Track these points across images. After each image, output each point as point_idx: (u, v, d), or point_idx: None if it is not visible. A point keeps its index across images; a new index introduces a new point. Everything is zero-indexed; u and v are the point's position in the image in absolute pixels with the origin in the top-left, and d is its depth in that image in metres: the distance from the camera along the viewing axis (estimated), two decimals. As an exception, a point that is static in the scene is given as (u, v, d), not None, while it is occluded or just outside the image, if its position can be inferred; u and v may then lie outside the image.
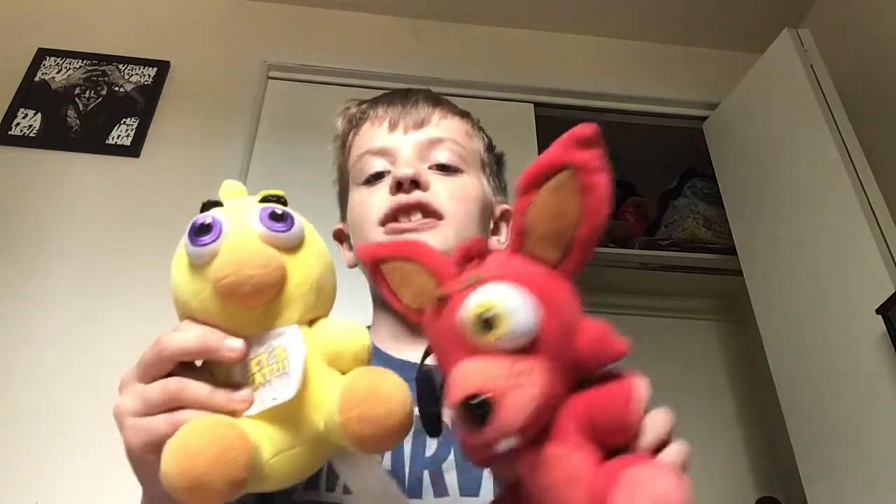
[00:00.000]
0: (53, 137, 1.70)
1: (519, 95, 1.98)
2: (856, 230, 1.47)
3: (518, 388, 0.33)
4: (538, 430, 0.35)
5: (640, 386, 0.37)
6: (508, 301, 0.34)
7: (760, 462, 2.09)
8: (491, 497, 0.52)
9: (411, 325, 0.67)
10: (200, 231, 0.40)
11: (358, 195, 0.72)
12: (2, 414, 1.36)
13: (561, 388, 0.36)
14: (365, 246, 0.47)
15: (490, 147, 0.81)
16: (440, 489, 0.55)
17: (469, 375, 0.33)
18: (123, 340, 1.47)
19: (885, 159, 1.63)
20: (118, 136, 1.72)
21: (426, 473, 0.56)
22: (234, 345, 0.40)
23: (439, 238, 0.65)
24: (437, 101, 0.77)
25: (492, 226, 0.76)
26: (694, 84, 2.09)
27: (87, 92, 1.79)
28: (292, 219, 0.43)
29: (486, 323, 0.34)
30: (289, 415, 0.39)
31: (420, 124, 0.73)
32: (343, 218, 0.78)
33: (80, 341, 1.45)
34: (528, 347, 0.34)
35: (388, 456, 0.56)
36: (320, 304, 0.44)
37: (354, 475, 0.44)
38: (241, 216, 0.42)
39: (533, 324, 0.34)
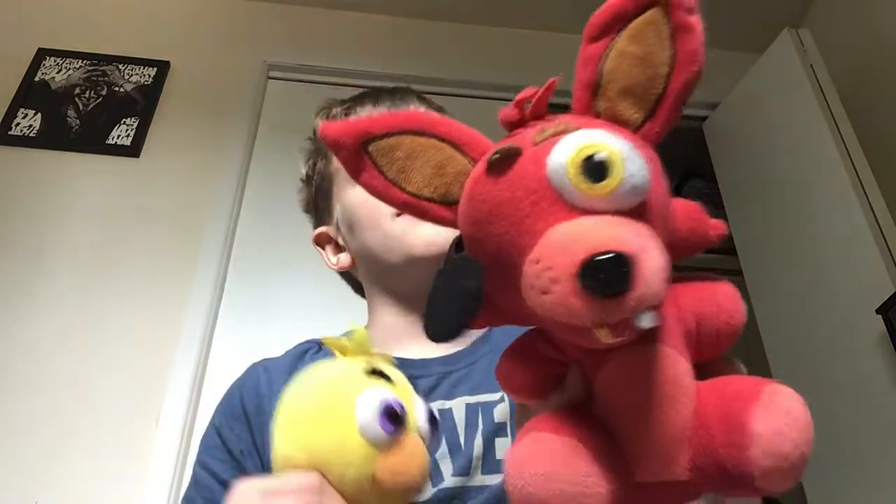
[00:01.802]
0: (53, 137, 1.70)
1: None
2: (856, 230, 1.47)
3: (651, 249, 0.25)
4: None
5: (734, 293, 0.31)
6: (619, 145, 0.27)
7: (760, 462, 2.09)
8: None
9: (410, 321, 0.67)
10: (393, 418, 0.39)
11: (358, 192, 0.71)
12: (2, 414, 1.36)
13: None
14: (346, 122, 0.33)
15: None
16: (437, 477, 0.55)
17: (589, 232, 0.25)
18: (123, 340, 1.47)
19: (885, 159, 1.63)
20: (118, 136, 1.72)
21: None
22: None
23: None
24: (421, 97, 0.77)
25: None
26: (694, 84, 2.09)
27: (87, 92, 1.79)
28: (438, 423, 0.44)
29: (597, 169, 0.26)
30: None
31: None
32: (321, 222, 0.76)
33: (80, 341, 1.45)
34: (640, 211, 0.27)
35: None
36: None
37: None
38: (412, 410, 0.42)
39: (648, 176, 0.27)
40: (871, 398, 1.38)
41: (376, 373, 0.42)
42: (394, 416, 0.39)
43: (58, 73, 1.81)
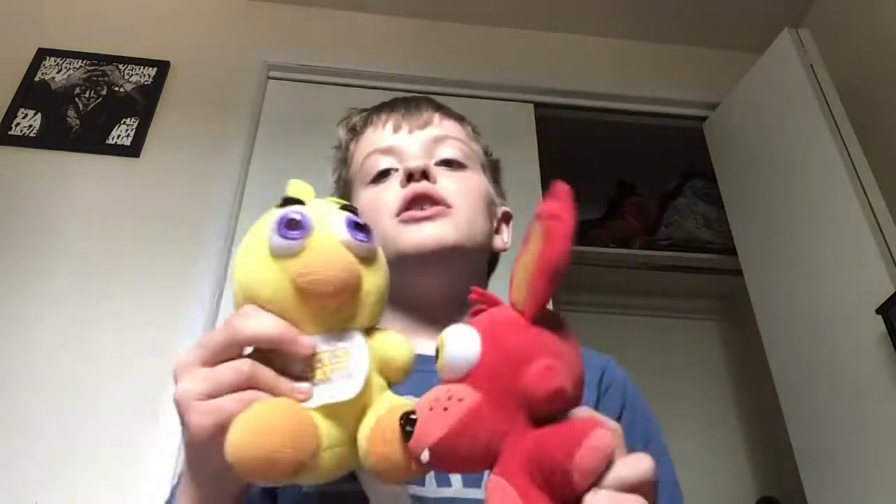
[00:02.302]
0: (53, 137, 1.70)
1: (519, 95, 1.98)
2: (856, 230, 1.47)
3: (443, 410, 0.37)
4: (484, 456, 0.37)
5: (600, 435, 0.35)
6: (448, 335, 0.39)
7: (760, 462, 2.09)
8: None
9: (422, 319, 0.69)
10: (289, 225, 0.42)
11: (366, 194, 0.73)
12: (2, 414, 1.36)
13: (501, 419, 0.37)
14: None
15: (488, 151, 0.82)
16: (443, 480, 0.55)
17: (419, 400, 0.39)
18: (123, 340, 1.47)
19: (885, 159, 1.63)
20: (118, 136, 1.72)
21: None
22: (308, 341, 0.41)
23: (452, 226, 0.67)
24: (438, 105, 0.79)
25: (494, 225, 0.77)
26: (694, 84, 2.09)
27: (87, 92, 1.79)
28: (371, 231, 0.45)
29: (437, 353, 0.40)
30: (341, 414, 0.41)
31: (423, 125, 0.75)
32: None
33: (80, 341, 1.45)
34: (468, 376, 0.38)
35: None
36: (379, 314, 0.47)
37: (369, 483, 0.47)
38: (325, 219, 0.44)
39: (466, 355, 0.38)
40: (871, 398, 1.38)
41: (290, 201, 0.45)
42: (292, 223, 0.41)
43: (58, 73, 1.81)
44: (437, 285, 0.68)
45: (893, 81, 1.77)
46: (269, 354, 0.43)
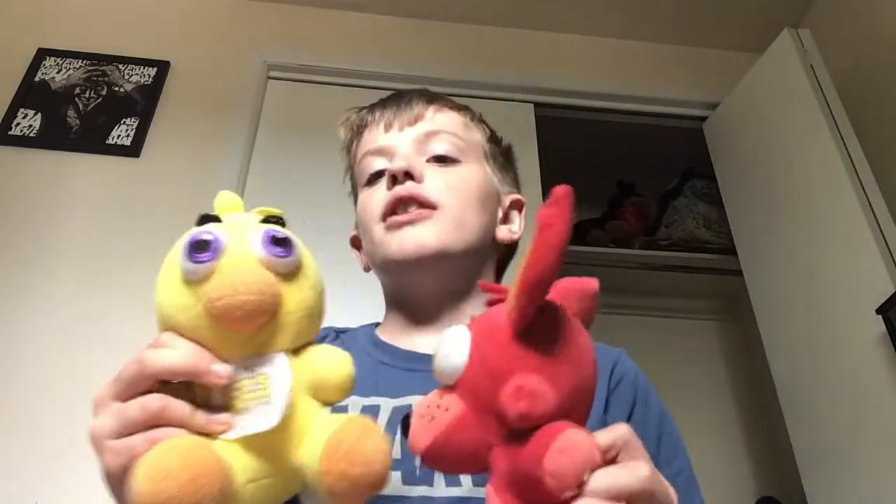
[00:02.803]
0: (53, 137, 1.70)
1: (519, 95, 1.98)
2: (856, 230, 1.47)
3: (433, 416, 0.38)
4: (474, 461, 0.38)
5: (569, 437, 0.34)
6: (441, 341, 0.39)
7: (760, 462, 2.09)
8: None
9: (421, 318, 0.69)
10: (198, 247, 0.39)
11: (362, 196, 0.74)
12: (2, 414, 1.36)
13: (484, 432, 0.37)
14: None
15: (494, 139, 0.81)
16: (452, 480, 0.55)
17: (418, 403, 0.40)
18: (123, 340, 1.47)
19: (885, 159, 1.63)
20: (118, 136, 1.72)
21: None
22: (223, 371, 0.39)
23: (435, 229, 0.66)
24: (433, 98, 0.77)
25: (501, 215, 0.76)
26: (694, 84, 2.09)
27: (87, 92, 1.79)
28: (292, 244, 0.42)
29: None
30: (265, 444, 0.39)
31: (414, 121, 0.74)
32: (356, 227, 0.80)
33: (80, 341, 1.45)
34: (457, 384, 0.38)
35: (397, 443, 0.55)
36: (310, 331, 0.44)
37: None
38: (241, 236, 0.41)
39: (453, 363, 0.38)
40: (871, 398, 1.38)
41: (206, 219, 0.43)
42: (200, 245, 0.39)
43: (58, 73, 1.81)
44: (429, 287, 0.69)
45: (893, 81, 1.77)
46: (191, 384, 0.40)
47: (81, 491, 1.31)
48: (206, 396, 0.40)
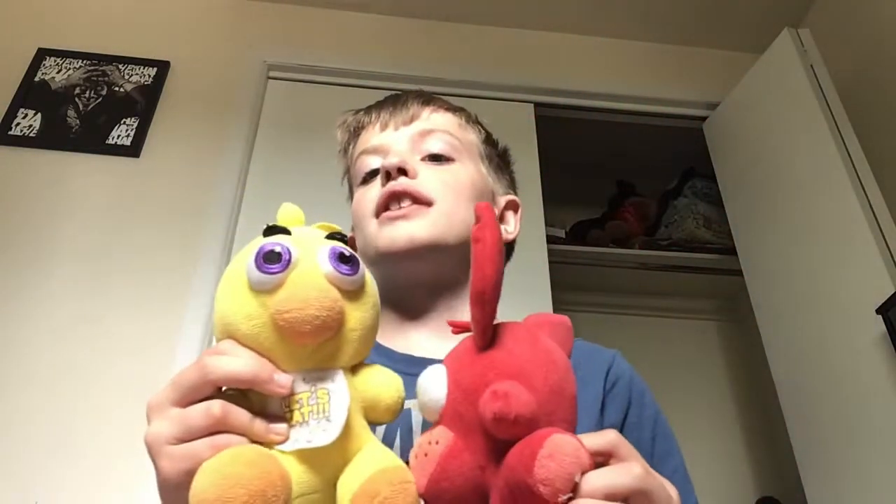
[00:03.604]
0: (53, 137, 1.70)
1: (519, 95, 1.98)
2: (856, 230, 1.47)
3: (426, 453, 0.39)
4: (473, 491, 0.38)
5: (556, 441, 0.35)
6: (420, 381, 0.41)
7: (760, 462, 2.09)
8: None
9: (411, 314, 0.69)
10: (269, 258, 0.39)
11: (357, 195, 0.74)
12: (1, 414, 1.36)
13: (475, 454, 0.37)
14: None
15: (490, 140, 0.81)
16: None
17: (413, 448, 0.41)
18: (123, 340, 1.47)
19: (885, 159, 1.63)
20: (118, 136, 1.72)
21: None
22: (285, 381, 0.39)
23: (427, 224, 0.66)
24: (428, 99, 0.78)
25: (497, 215, 0.76)
26: (694, 84, 2.09)
27: (87, 92, 1.79)
28: (358, 263, 0.43)
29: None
30: (318, 459, 0.39)
31: (410, 120, 0.75)
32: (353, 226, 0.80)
33: (80, 341, 1.45)
34: (443, 416, 0.39)
35: (398, 442, 0.55)
36: (365, 351, 0.44)
37: None
38: (310, 250, 0.41)
39: (434, 398, 0.40)
40: (870, 398, 1.38)
41: (275, 230, 0.42)
42: (271, 257, 0.39)
43: (58, 73, 1.81)
44: (417, 281, 0.69)
45: (893, 81, 1.77)
46: (247, 392, 0.41)
47: (81, 491, 1.31)
48: (262, 405, 0.40)
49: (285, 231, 0.43)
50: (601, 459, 0.37)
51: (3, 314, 1.47)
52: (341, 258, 0.41)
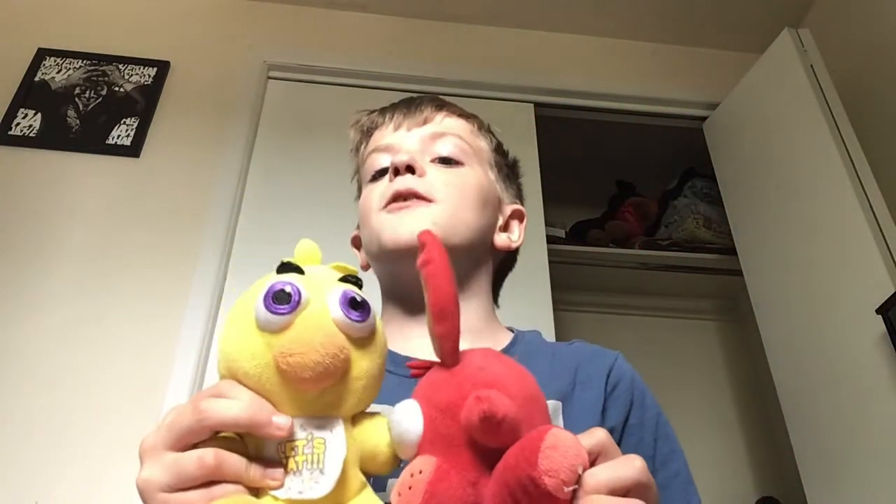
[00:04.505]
0: (53, 137, 1.70)
1: (519, 95, 1.98)
2: (856, 230, 1.47)
3: (410, 486, 0.37)
4: None
5: (555, 434, 0.35)
6: (391, 419, 0.41)
7: (760, 462, 2.09)
8: None
9: (414, 310, 0.69)
10: (278, 298, 0.39)
11: (365, 192, 0.75)
12: (1, 414, 1.36)
13: (464, 471, 0.37)
14: None
15: (500, 150, 0.82)
16: None
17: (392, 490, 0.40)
18: (123, 340, 1.47)
19: (885, 159, 1.63)
20: (118, 136, 1.72)
21: None
22: (283, 423, 0.39)
23: (429, 217, 0.66)
24: (443, 104, 0.79)
25: (501, 222, 0.77)
26: (694, 84, 2.09)
27: (87, 92, 1.79)
28: (369, 309, 0.42)
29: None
30: None
31: (423, 122, 0.75)
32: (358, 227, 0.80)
33: (80, 341, 1.45)
34: (421, 447, 0.39)
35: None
36: (369, 400, 0.43)
37: None
38: (321, 293, 0.40)
39: (410, 429, 0.39)
40: (871, 398, 1.38)
41: (288, 268, 0.42)
42: (281, 296, 0.39)
43: (58, 73, 1.81)
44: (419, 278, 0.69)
45: (893, 81, 1.77)
46: (245, 434, 0.40)
47: (81, 491, 1.31)
48: (257, 447, 0.40)
49: (298, 269, 0.42)
50: (591, 458, 0.37)
51: (3, 314, 1.47)
52: (352, 303, 0.40)
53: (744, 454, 2.11)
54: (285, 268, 0.42)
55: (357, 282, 0.43)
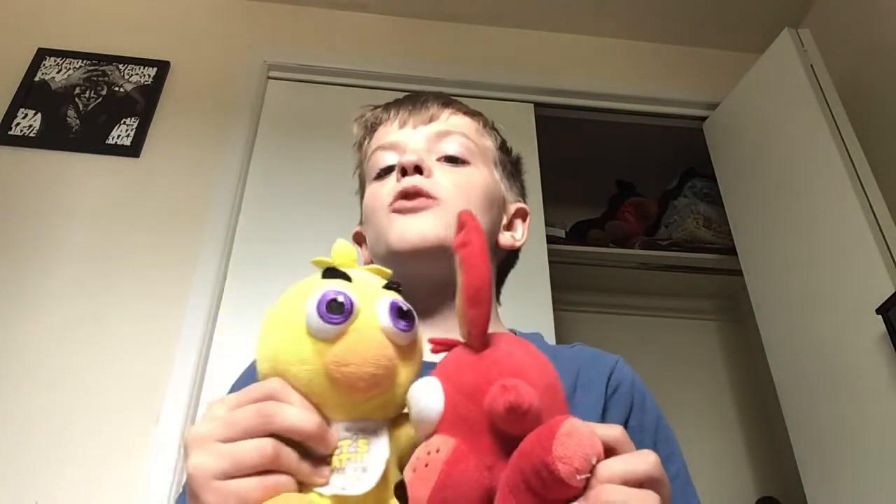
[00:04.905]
0: (53, 137, 1.70)
1: (519, 95, 1.98)
2: (856, 230, 1.47)
3: (426, 464, 0.37)
4: (481, 493, 0.37)
5: (571, 422, 0.36)
6: (412, 393, 0.41)
7: (760, 462, 2.09)
8: None
9: (419, 310, 0.69)
10: (332, 308, 0.40)
11: (370, 189, 0.74)
12: (1, 414, 1.36)
13: (481, 454, 0.37)
14: None
15: (504, 148, 0.82)
16: None
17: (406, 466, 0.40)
18: (123, 340, 1.47)
19: (885, 159, 1.63)
20: (118, 136, 1.72)
21: None
22: (333, 441, 0.40)
23: (436, 220, 0.66)
24: (448, 101, 0.79)
25: (505, 221, 0.77)
26: (694, 84, 2.09)
27: (87, 92, 1.79)
28: (414, 318, 0.43)
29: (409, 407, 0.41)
30: None
31: (429, 120, 0.75)
32: (362, 220, 0.80)
33: (80, 341, 1.45)
34: (440, 426, 0.39)
35: None
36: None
37: None
38: (370, 302, 0.42)
39: (431, 407, 0.39)
40: (871, 398, 1.38)
41: (335, 273, 0.43)
42: (334, 306, 0.40)
43: (58, 73, 1.81)
44: (428, 280, 0.68)
45: (893, 81, 1.77)
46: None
47: (81, 491, 1.31)
48: (304, 444, 0.41)
49: (345, 276, 0.43)
50: (606, 451, 0.38)
51: (3, 314, 1.47)
52: (399, 313, 0.42)
53: (744, 454, 2.11)
54: (332, 273, 0.43)
55: (399, 288, 0.45)
